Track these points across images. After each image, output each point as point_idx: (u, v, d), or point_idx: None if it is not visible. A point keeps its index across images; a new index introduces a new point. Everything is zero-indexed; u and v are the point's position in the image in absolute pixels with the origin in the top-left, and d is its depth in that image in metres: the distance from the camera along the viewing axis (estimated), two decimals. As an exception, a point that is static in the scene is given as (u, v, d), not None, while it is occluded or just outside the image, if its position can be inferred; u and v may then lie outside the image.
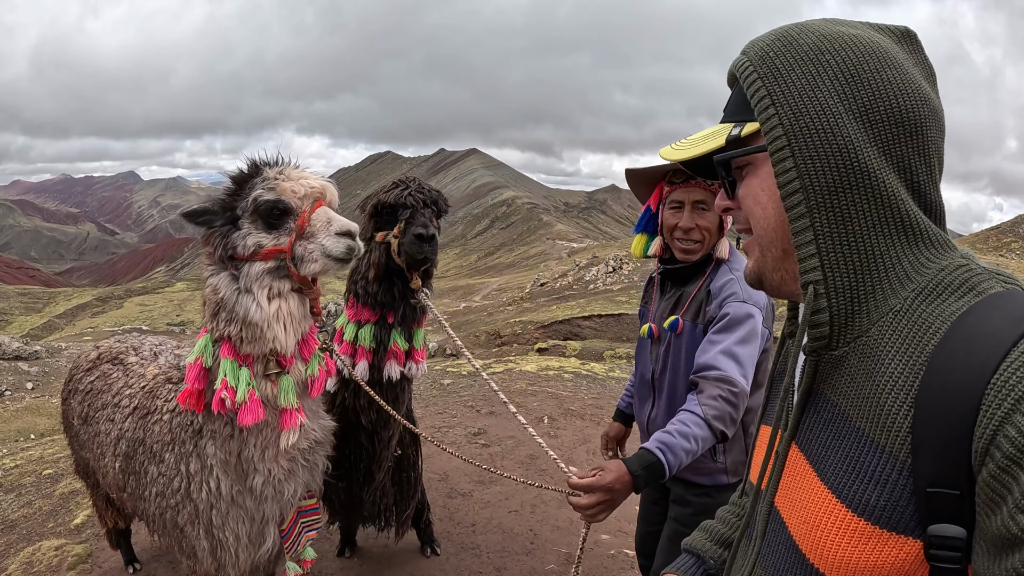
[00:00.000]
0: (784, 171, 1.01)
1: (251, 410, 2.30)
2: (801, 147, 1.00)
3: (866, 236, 1.00)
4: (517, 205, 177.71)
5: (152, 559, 4.47)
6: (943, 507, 0.86)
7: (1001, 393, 0.80)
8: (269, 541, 2.69)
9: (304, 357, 2.46)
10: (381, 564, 4.43)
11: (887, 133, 0.98)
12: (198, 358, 2.38)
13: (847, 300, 1.01)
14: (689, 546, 1.61)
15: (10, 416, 14.05)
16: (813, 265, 1.01)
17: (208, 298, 2.35)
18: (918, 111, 0.99)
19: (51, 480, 6.27)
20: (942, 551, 0.86)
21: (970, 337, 0.87)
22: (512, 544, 4.72)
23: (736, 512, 1.61)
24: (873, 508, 0.92)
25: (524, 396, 8.49)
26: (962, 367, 0.85)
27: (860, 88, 0.98)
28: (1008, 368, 0.81)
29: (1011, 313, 0.86)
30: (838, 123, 0.98)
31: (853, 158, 0.97)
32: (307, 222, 2.27)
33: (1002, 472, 0.78)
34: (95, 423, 3.09)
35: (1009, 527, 0.77)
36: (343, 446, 3.36)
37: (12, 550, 4.77)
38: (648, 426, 2.87)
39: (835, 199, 0.99)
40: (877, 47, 1.00)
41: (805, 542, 1.03)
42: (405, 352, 3.18)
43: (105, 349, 3.44)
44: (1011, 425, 0.78)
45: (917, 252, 1.00)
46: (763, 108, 1.04)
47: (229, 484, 2.53)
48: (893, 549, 0.91)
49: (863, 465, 0.95)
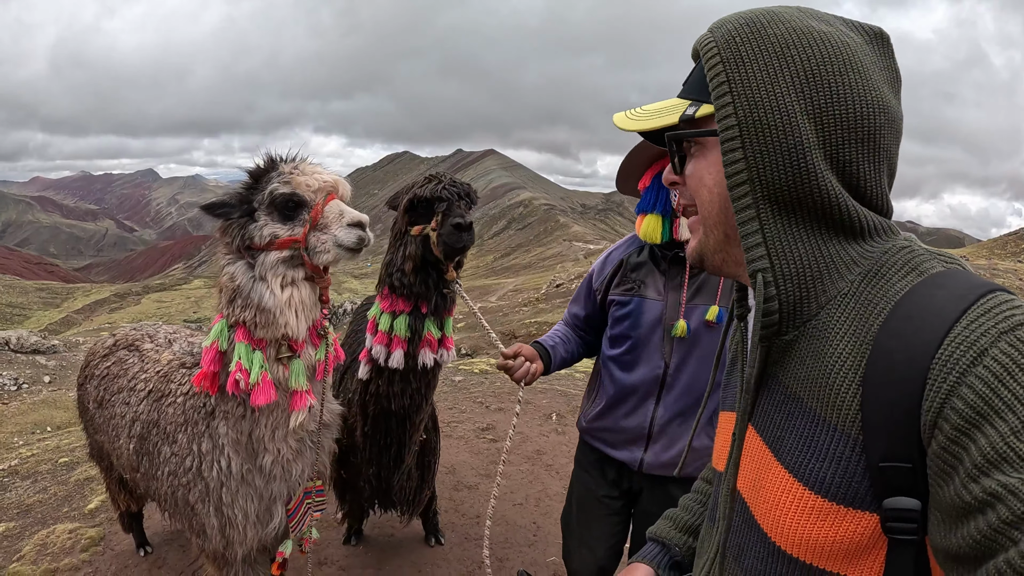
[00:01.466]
0: (733, 161, 1.01)
1: (263, 391, 2.40)
2: (752, 140, 1.00)
3: (811, 228, 1.01)
4: (534, 206, 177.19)
5: (163, 543, 4.58)
6: (896, 480, 0.88)
7: (947, 367, 0.82)
8: (276, 519, 2.77)
9: (314, 342, 2.56)
10: (386, 552, 4.52)
11: (838, 136, 0.98)
12: (214, 342, 2.47)
13: (795, 286, 1.01)
14: (654, 535, 1.62)
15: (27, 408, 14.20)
16: (760, 254, 1.01)
17: (225, 285, 2.44)
18: (874, 118, 0.99)
19: (67, 468, 6.37)
20: (898, 523, 0.88)
21: (914, 314, 0.89)
22: (515, 536, 4.81)
23: (699, 499, 1.63)
24: (829, 485, 0.94)
25: (535, 393, 8.53)
26: (908, 344, 0.87)
27: (818, 89, 0.98)
28: (952, 342, 0.83)
29: (953, 291, 0.88)
30: (791, 122, 0.98)
31: (802, 159, 0.98)
32: (320, 214, 2.37)
33: (951, 443, 0.81)
34: (111, 406, 3.19)
35: (962, 495, 0.79)
36: (375, 433, 3.47)
37: (27, 533, 4.87)
38: (651, 427, 2.73)
39: (780, 194, 1.00)
40: (844, 48, 0.99)
41: (766, 522, 1.05)
42: (438, 340, 3.22)
43: (121, 336, 3.54)
44: (957, 397, 0.80)
45: (862, 242, 1.02)
46: (720, 94, 1.03)
47: (239, 463, 2.62)
48: (851, 524, 0.93)
49: (816, 444, 0.97)
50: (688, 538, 1.56)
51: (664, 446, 2.73)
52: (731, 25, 1.05)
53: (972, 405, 0.79)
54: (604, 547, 2.96)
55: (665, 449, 2.73)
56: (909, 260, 0.97)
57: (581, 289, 3.02)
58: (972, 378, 0.80)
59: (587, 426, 2.94)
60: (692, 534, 1.56)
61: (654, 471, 2.76)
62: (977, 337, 0.82)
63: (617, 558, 3.01)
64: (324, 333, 2.59)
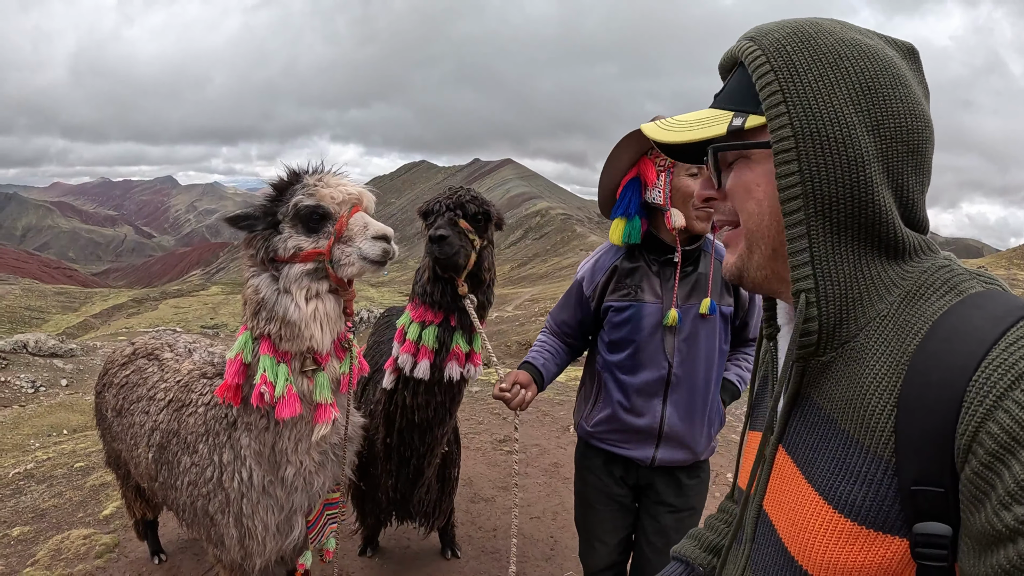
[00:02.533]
0: (787, 174, 0.98)
1: (288, 404, 2.40)
2: (809, 152, 0.97)
3: (857, 247, 0.99)
4: (551, 216, 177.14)
5: (178, 551, 4.59)
6: (928, 505, 0.86)
7: (983, 391, 0.80)
8: (296, 531, 2.77)
9: (339, 355, 2.56)
10: (402, 565, 4.51)
11: (893, 150, 0.97)
12: (238, 354, 2.48)
13: (836, 308, 1.00)
14: (678, 553, 1.61)
15: (44, 412, 14.30)
16: (806, 273, 0.99)
17: (249, 298, 2.45)
18: (922, 131, 0.98)
19: (82, 472, 6.42)
20: (928, 549, 0.86)
21: (951, 336, 0.87)
22: (532, 550, 4.78)
23: (724, 519, 1.60)
24: (859, 508, 0.93)
25: (551, 405, 8.53)
26: (944, 366, 0.85)
27: (876, 102, 0.96)
28: (989, 366, 0.81)
29: (991, 312, 0.86)
30: (851, 134, 0.96)
31: (861, 172, 0.96)
32: (345, 226, 2.37)
33: (984, 469, 0.78)
34: (129, 415, 3.20)
35: (993, 523, 0.76)
36: (397, 444, 3.47)
37: (41, 537, 4.92)
38: (661, 427, 2.74)
39: (834, 209, 0.98)
40: (891, 62, 0.99)
41: (793, 544, 1.04)
42: (466, 354, 3.22)
43: (140, 345, 3.56)
44: (993, 422, 0.78)
45: (902, 263, 1.00)
46: (774, 104, 0.99)
47: (261, 475, 2.63)
48: (880, 548, 0.91)
49: (848, 466, 0.95)
50: (712, 557, 1.53)
51: (676, 444, 2.77)
52: (779, 34, 1.02)
53: (1008, 430, 0.76)
54: (615, 541, 2.99)
55: (678, 447, 2.78)
56: (948, 280, 0.96)
57: (570, 296, 2.98)
58: (1009, 402, 0.77)
59: (591, 430, 2.92)
60: (715, 553, 1.53)
61: (666, 464, 2.81)
62: (1016, 361, 0.79)
63: (627, 552, 3.06)
64: (348, 346, 2.59)
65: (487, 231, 3.13)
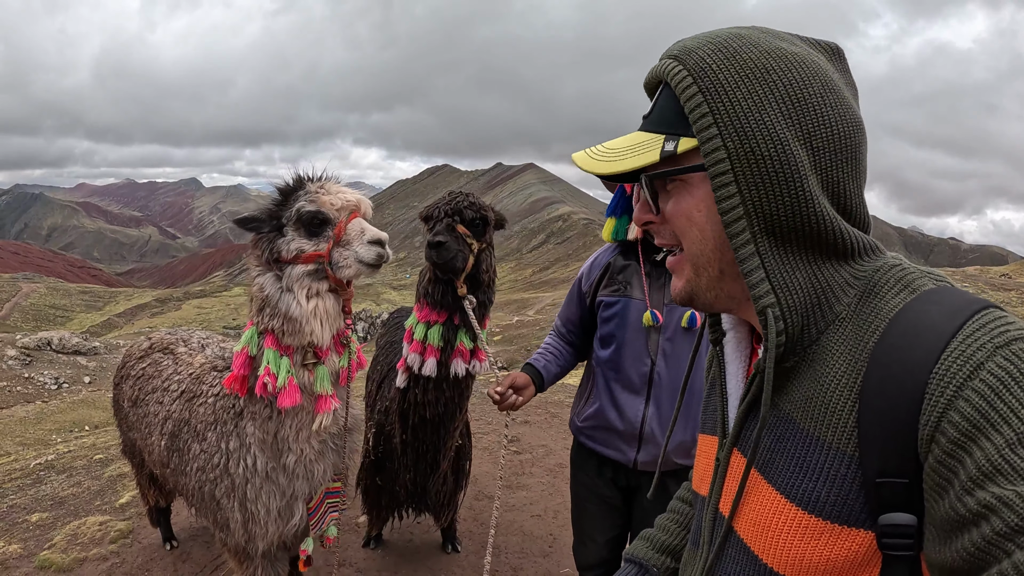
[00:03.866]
0: (727, 196, 0.98)
1: (290, 394, 2.57)
2: (746, 171, 0.96)
3: (807, 255, 1.00)
4: (573, 220, 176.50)
5: (189, 538, 4.78)
6: (892, 496, 0.87)
7: (943, 381, 0.82)
8: (297, 516, 2.92)
9: (338, 350, 2.73)
10: (404, 557, 4.65)
11: (827, 159, 0.97)
12: (244, 347, 2.65)
13: (799, 317, 1.00)
14: (631, 555, 1.60)
15: (66, 407, 14.56)
16: (765, 290, 0.99)
17: (255, 295, 2.63)
18: (855, 135, 0.99)
19: (101, 464, 6.63)
20: (894, 539, 0.88)
21: (909, 331, 0.89)
22: (531, 547, 4.90)
23: (675, 519, 1.60)
24: (823, 504, 0.93)
25: (562, 408, 8.65)
26: (904, 360, 0.87)
27: (806, 113, 0.96)
28: (949, 357, 0.83)
29: (948, 307, 0.89)
30: (785, 149, 0.95)
31: (799, 185, 0.96)
32: (343, 231, 2.53)
33: (947, 457, 0.80)
34: (144, 405, 3.38)
35: (956, 508, 0.78)
36: (412, 439, 3.62)
37: (59, 523, 5.12)
38: (642, 428, 2.79)
39: (777, 224, 0.98)
40: (819, 69, 0.99)
41: (757, 544, 1.04)
42: (470, 351, 3.36)
43: (157, 339, 3.75)
44: (954, 411, 0.80)
45: (853, 263, 1.02)
46: (704, 127, 0.98)
47: (264, 461, 2.79)
48: (846, 542, 0.92)
49: (810, 464, 0.96)
50: (666, 559, 1.54)
51: (657, 446, 2.79)
52: (702, 52, 1.00)
53: (968, 418, 0.79)
54: (604, 539, 3.04)
55: (658, 449, 2.79)
56: (902, 278, 0.98)
57: (572, 293, 3.08)
58: (968, 391, 0.80)
59: (580, 425, 3.02)
60: (669, 554, 1.54)
61: (648, 468, 2.84)
62: (974, 351, 0.82)
63: (619, 550, 3.09)
64: (347, 342, 2.75)
65: (485, 235, 3.24)
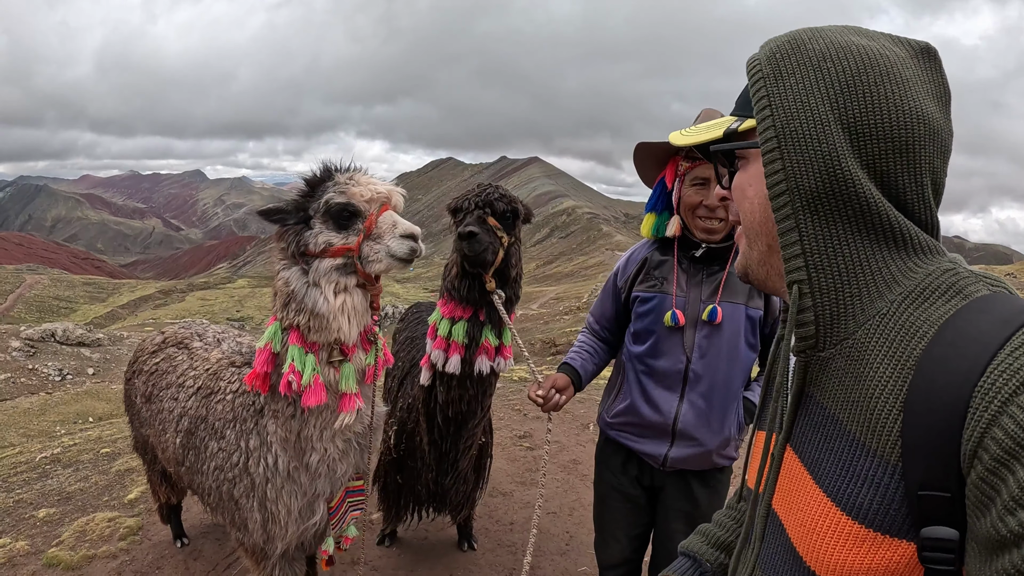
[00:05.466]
0: (773, 172, 1.03)
1: (315, 392, 2.48)
2: (790, 150, 1.01)
3: (851, 240, 1.00)
4: (577, 215, 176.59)
5: (200, 535, 4.71)
6: (935, 509, 0.86)
7: (988, 395, 0.80)
8: (317, 516, 2.85)
9: (365, 347, 2.64)
10: (419, 555, 4.59)
11: (873, 147, 0.98)
12: (268, 343, 2.55)
13: (832, 301, 1.01)
14: (686, 549, 1.62)
15: (71, 399, 14.56)
16: (798, 265, 1.02)
17: (280, 290, 2.52)
18: (912, 129, 0.98)
19: (108, 458, 6.56)
20: (935, 553, 0.86)
21: (957, 340, 0.86)
22: (548, 544, 4.84)
23: (733, 516, 1.61)
24: (867, 511, 0.92)
25: (573, 403, 8.48)
26: (950, 370, 0.84)
27: (853, 99, 0.98)
28: (995, 370, 0.80)
29: (998, 316, 0.86)
30: (825, 131, 0.99)
31: (836, 166, 0.98)
32: (374, 224, 2.43)
33: (990, 474, 0.78)
34: (158, 401, 3.29)
35: (998, 528, 0.76)
36: (437, 438, 3.56)
37: (67, 519, 5.04)
38: (675, 423, 2.76)
39: (819, 203, 1.00)
40: (883, 60, 0.99)
41: (802, 545, 1.03)
42: (495, 348, 3.28)
43: (171, 334, 3.66)
44: (998, 427, 0.78)
45: (905, 258, 1.00)
46: (761, 107, 1.05)
47: (286, 460, 2.71)
48: (887, 552, 0.91)
49: (855, 468, 0.94)
50: (719, 554, 1.54)
51: (690, 443, 2.77)
52: (776, 42, 1.08)
53: (1012, 436, 0.76)
54: (627, 538, 3.04)
55: (691, 446, 2.78)
56: (954, 283, 0.95)
57: (607, 288, 3.04)
58: (1014, 407, 0.77)
59: (611, 420, 2.98)
60: (723, 550, 1.54)
61: (677, 467, 2.82)
62: (1021, 366, 0.79)
63: (642, 549, 3.10)
64: (374, 339, 2.66)
65: (515, 228, 3.17)
